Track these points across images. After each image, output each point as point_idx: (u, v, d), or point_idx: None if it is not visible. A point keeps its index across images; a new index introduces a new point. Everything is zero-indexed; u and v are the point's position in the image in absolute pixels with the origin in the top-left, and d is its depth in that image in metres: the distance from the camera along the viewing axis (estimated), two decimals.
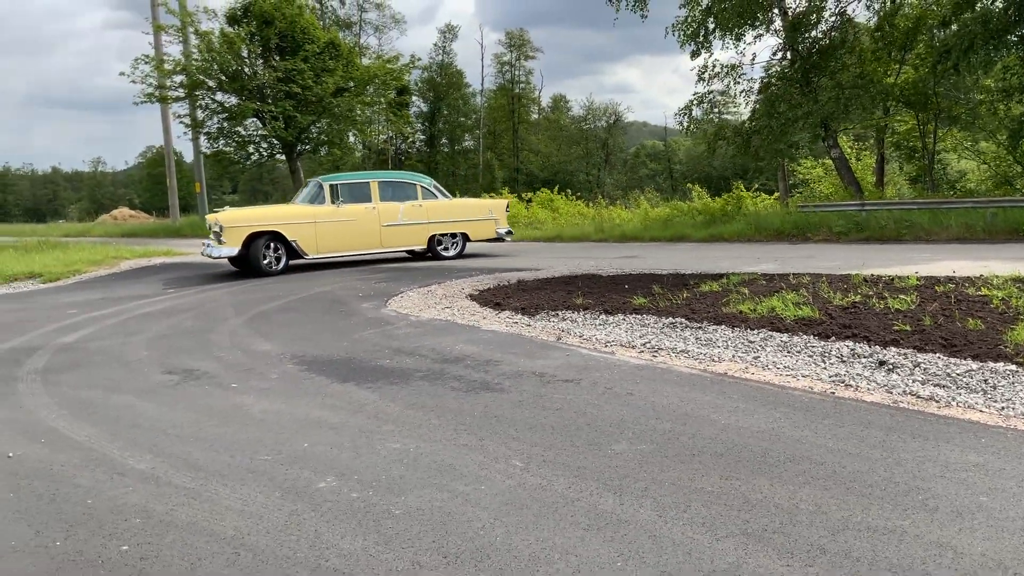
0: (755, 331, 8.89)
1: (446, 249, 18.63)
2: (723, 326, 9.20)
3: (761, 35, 24.87)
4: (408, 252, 18.83)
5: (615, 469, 4.96)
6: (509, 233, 19.40)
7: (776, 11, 23.78)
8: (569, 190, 35.17)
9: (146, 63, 33.22)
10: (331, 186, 17.39)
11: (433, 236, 18.41)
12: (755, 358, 7.82)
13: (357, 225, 17.44)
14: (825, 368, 7.30)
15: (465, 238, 18.77)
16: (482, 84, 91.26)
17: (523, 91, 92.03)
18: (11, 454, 5.78)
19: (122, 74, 35.10)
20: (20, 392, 7.69)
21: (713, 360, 7.81)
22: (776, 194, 32.44)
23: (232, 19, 35.33)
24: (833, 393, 6.57)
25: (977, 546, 3.78)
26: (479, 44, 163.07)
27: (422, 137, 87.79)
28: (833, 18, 23.98)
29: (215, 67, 33.52)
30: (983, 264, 12.46)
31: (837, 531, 3.99)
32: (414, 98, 78.62)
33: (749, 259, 15.65)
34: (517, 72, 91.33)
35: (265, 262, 16.94)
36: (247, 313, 12.11)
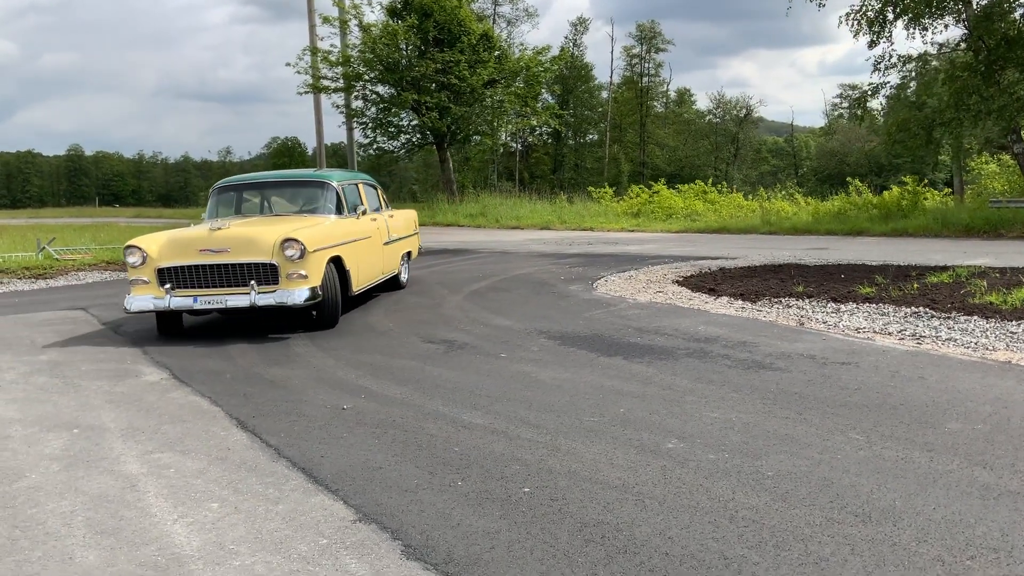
0: (1013, 322, 8.62)
1: (401, 273, 13.13)
2: (975, 316, 8.96)
3: (948, 24, 23.90)
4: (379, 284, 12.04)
5: (966, 446, 4.94)
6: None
7: (963, 1, 22.80)
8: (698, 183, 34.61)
9: (312, 54, 34.48)
10: (342, 188, 10.98)
11: (403, 256, 13.15)
12: None
13: (373, 245, 11.39)
14: None
15: (409, 256, 13.65)
16: (611, 77, 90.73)
17: (651, 84, 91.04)
18: (345, 406, 6.18)
19: (288, 64, 36.17)
20: (301, 355, 8.19)
21: (987, 349, 7.63)
22: (947, 190, 31.19)
23: (392, 11, 36.33)
24: None
25: None
26: (610, 36, 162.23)
27: (549, 130, 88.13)
28: (1022, 9, 22.83)
29: (375, 59, 34.53)
30: None
31: None
32: (543, 91, 78.92)
33: (955, 253, 15.16)
34: (646, 65, 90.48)
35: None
36: (460, 292, 12.48)
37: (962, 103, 22.49)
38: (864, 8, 24.20)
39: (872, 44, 24.04)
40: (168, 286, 8.86)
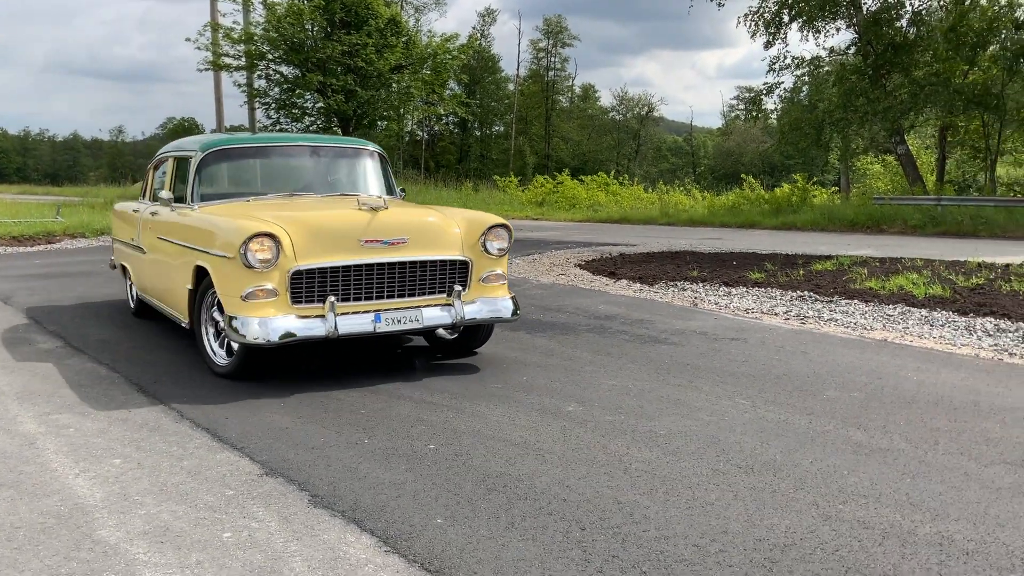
0: (890, 306, 9.20)
1: None
2: (856, 300, 9.52)
3: (840, 28, 25.03)
4: None
5: (843, 411, 5.31)
6: None
7: (853, 6, 23.94)
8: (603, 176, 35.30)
9: (213, 30, 33.60)
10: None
11: None
12: (905, 329, 8.13)
13: None
14: (980, 340, 7.60)
15: None
16: (517, 69, 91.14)
17: (556, 78, 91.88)
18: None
19: (188, 40, 35.08)
20: None
21: (865, 328, 8.13)
22: (834, 188, 32.67)
23: None
24: (1001, 360, 6.88)
25: None
26: (517, 29, 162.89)
27: (455, 119, 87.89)
28: (908, 15, 24.15)
29: (280, 38, 33.87)
30: None
31: None
32: (450, 79, 78.61)
33: (840, 245, 15.96)
34: (552, 59, 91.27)
35: None
36: None
37: (850, 104, 23.64)
38: (761, 10, 25.14)
39: (768, 45, 25.02)
40: (333, 299, 5.66)
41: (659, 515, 3.64)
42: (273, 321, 5.51)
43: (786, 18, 24.59)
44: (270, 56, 35.67)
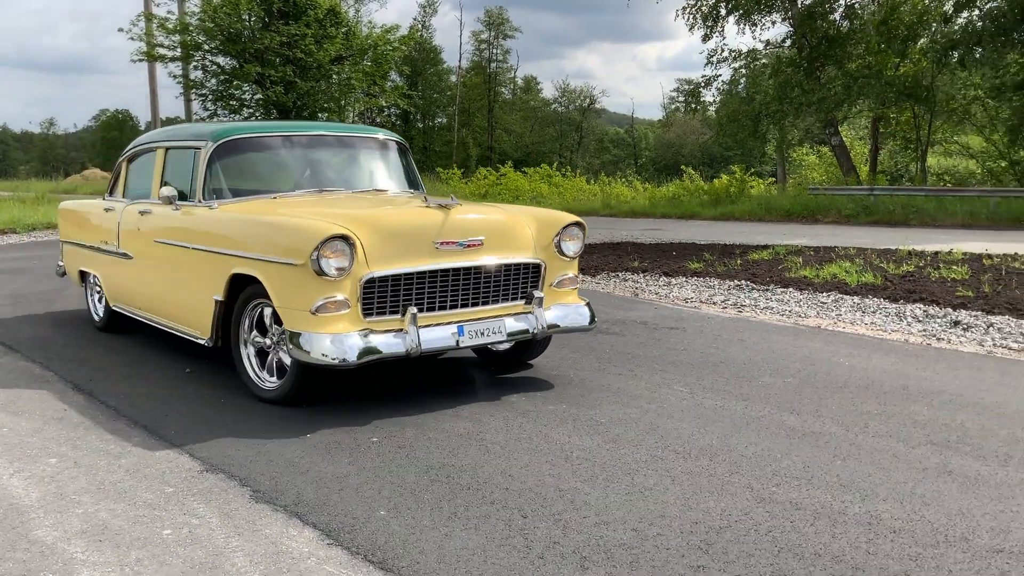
0: (824, 294, 9.43)
1: None
2: (791, 289, 9.74)
3: (775, 21, 25.50)
4: None
5: (777, 396, 5.45)
6: None
7: (789, 0, 24.43)
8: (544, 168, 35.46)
9: (147, 20, 32.87)
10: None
11: None
12: (837, 315, 8.36)
13: None
14: (909, 325, 7.85)
15: None
16: (459, 61, 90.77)
17: (499, 70, 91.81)
18: (188, 369, 6.11)
19: (120, 30, 34.27)
20: None
21: (799, 316, 8.33)
22: (771, 179, 33.29)
23: None
24: (930, 344, 7.12)
25: None
26: (458, 20, 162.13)
27: (398, 111, 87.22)
28: (842, 9, 24.72)
29: (216, 28, 33.29)
30: (1008, 245, 13.14)
31: (1011, 443, 4.52)
32: (391, 71, 77.94)
33: (776, 234, 16.27)
34: (494, 51, 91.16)
35: None
36: None
37: (786, 96, 24.12)
38: (699, 3, 25.47)
39: (706, 38, 25.38)
40: (415, 310, 4.97)
41: (599, 501, 3.71)
42: (348, 338, 4.76)
43: (723, 11, 24.99)
44: (206, 47, 35.07)
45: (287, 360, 5.08)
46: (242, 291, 5.33)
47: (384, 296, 4.95)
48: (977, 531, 3.43)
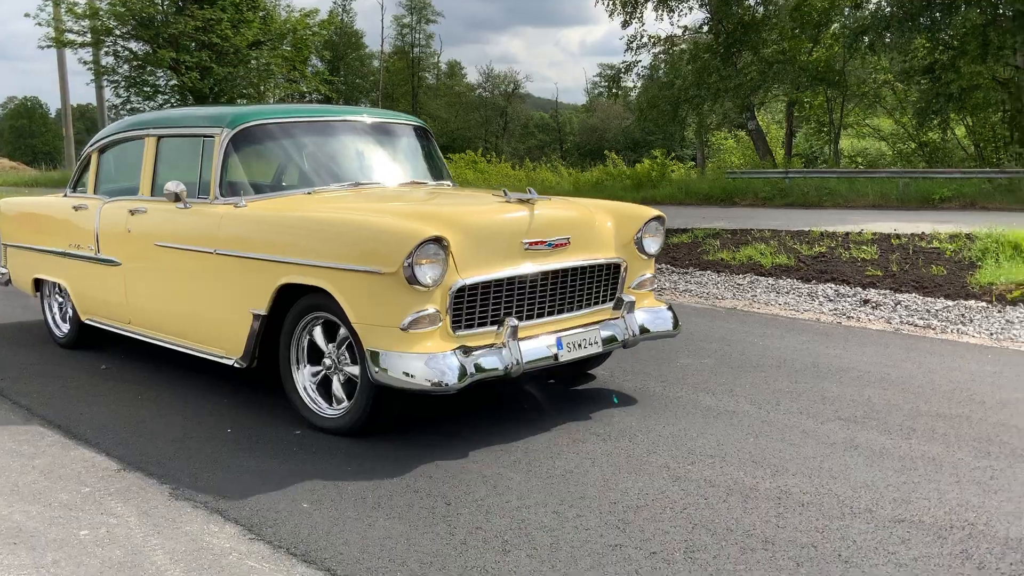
0: (740, 276, 9.70)
1: None
2: (709, 271, 9.99)
3: (692, 8, 25.87)
4: None
5: (694, 377, 5.60)
6: None
7: None
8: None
9: (55, 5, 31.70)
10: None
11: None
12: (753, 297, 8.61)
13: None
14: (821, 305, 8.14)
15: None
16: (381, 46, 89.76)
17: (422, 55, 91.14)
18: (104, 366, 5.98)
19: (27, 15, 33.00)
20: None
21: (716, 298, 8.56)
22: (691, 163, 33.87)
23: None
24: (840, 323, 7.40)
25: None
26: (380, 5, 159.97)
27: (320, 97, 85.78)
28: None
29: (127, 12, 32.28)
30: (916, 225, 13.65)
31: (915, 416, 4.74)
32: (312, 56, 76.69)
33: (695, 218, 16.57)
34: (417, 36, 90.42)
35: None
36: None
37: (703, 82, 24.54)
38: None
39: (625, 24, 25.62)
40: (514, 321, 4.30)
41: (521, 485, 3.78)
42: (446, 358, 4.08)
43: None
44: (118, 32, 34.01)
45: (339, 382, 4.52)
46: (291, 304, 4.60)
47: (473, 306, 4.31)
48: (881, 502, 3.60)
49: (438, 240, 4.07)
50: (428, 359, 4.06)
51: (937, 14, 21.93)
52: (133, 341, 5.86)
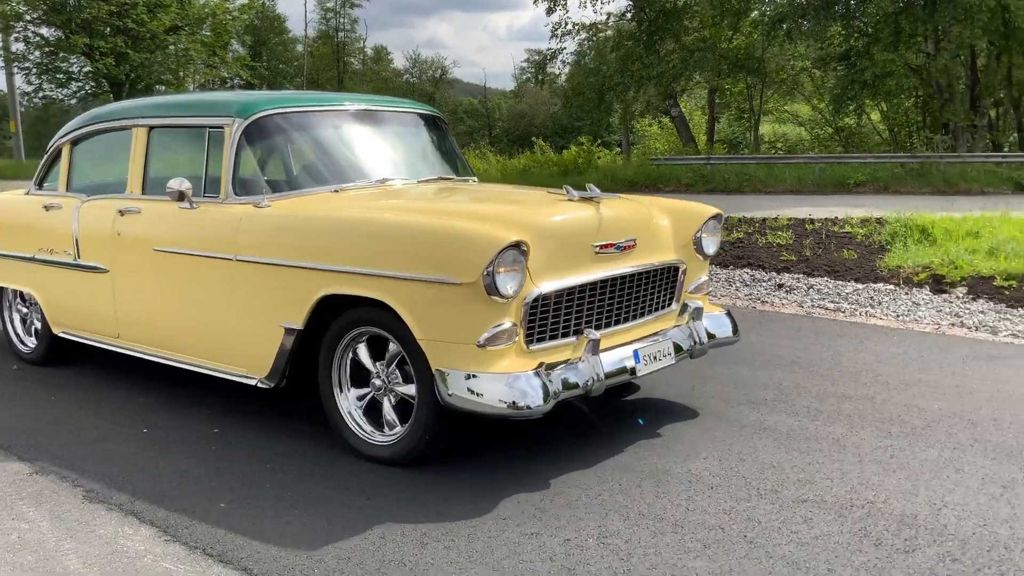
0: None
1: None
2: None
3: None
4: None
5: None
6: None
7: None
8: None
9: None
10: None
11: None
12: None
13: None
14: (737, 290, 8.36)
15: None
16: (305, 30, 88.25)
17: (347, 40, 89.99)
18: (16, 366, 5.84)
19: None
20: None
21: None
22: (617, 149, 34.26)
23: None
24: (755, 307, 7.62)
25: (933, 404, 4.81)
26: None
27: (241, 82, 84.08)
28: None
29: None
30: (830, 209, 14.08)
31: (822, 398, 4.93)
32: (232, 41, 75.14)
33: None
34: (341, 20, 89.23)
35: None
36: None
37: (627, 69, 24.87)
38: None
39: (550, 11, 25.78)
40: (595, 334, 3.95)
41: (442, 479, 3.83)
42: (530, 379, 3.66)
43: None
44: (28, 17, 32.91)
45: (391, 404, 4.07)
46: (330, 317, 4.10)
47: (546, 318, 3.92)
48: (785, 483, 3.75)
49: (518, 246, 3.66)
50: (509, 380, 3.65)
51: (852, 2, 22.56)
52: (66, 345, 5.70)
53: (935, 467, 3.91)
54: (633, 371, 4.10)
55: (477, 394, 3.64)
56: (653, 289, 4.51)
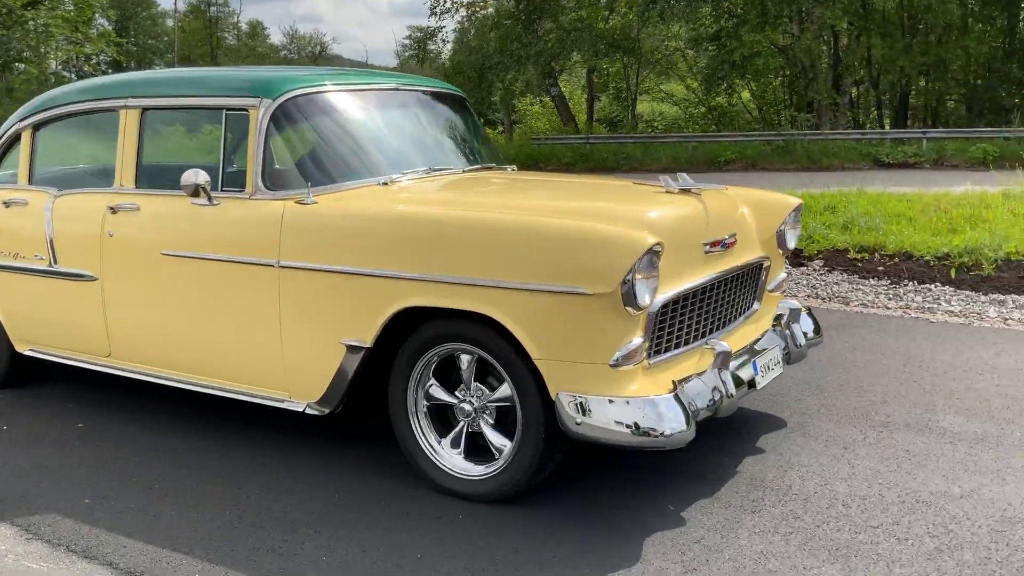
0: None
1: None
2: None
3: None
4: None
5: None
6: None
7: None
8: None
9: None
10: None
11: None
12: None
13: None
14: None
15: None
16: (175, 4, 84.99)
17: (220, 15, 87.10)
18: None
19: None
20: None
21: None
22: (500, 128, 34.42)
23: None
24: None
25: (786, 372, 5.11)
26: None
27: (107, 59, 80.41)
28: None
29: None
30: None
31: None
32: (96, 16, 71.66)
33: None
34: None
35: None
36: None
37: (506, 48, 25.02)
38: None
39: None
40: (724, 345, 3.55)
41: (311, 464, 3.87)
42: (668, 403, 3.21)
43: None
44: None
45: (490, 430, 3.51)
46: (402, 333, 3.54)
47: (663, 328, 3.45)
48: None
49: (654, 249, 3.17)
50: (648, 404, 3.17)
51: None
52: None
53: (785, 432, 4.18)
54: (752, 383, 3.67)
55: (612, 423, 3.15)
56: (743, 289, 4.09)
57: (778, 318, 4.20)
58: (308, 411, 3.73)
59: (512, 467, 3.38)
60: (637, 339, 3.21)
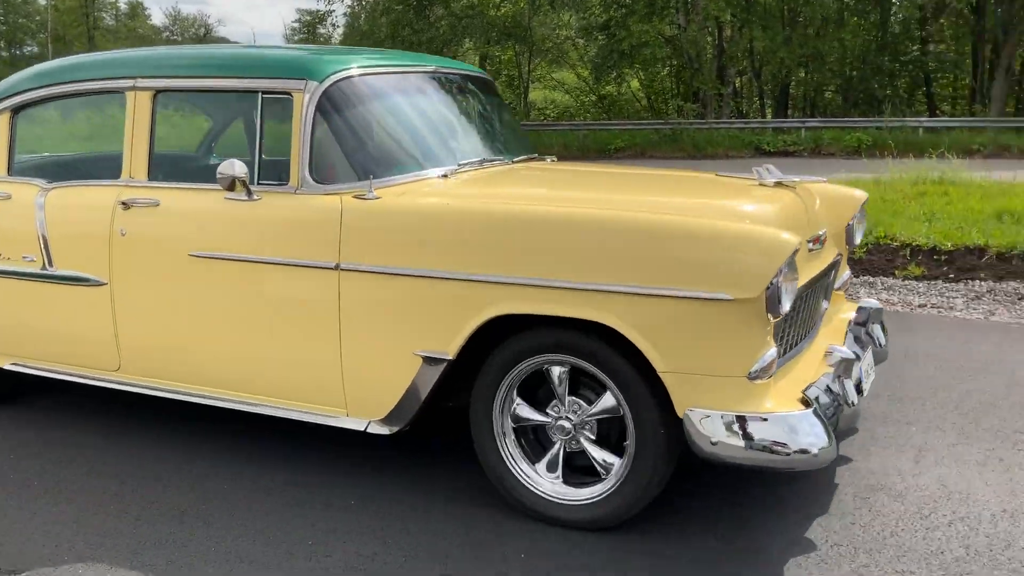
0: None
1: None
2: None
3: None
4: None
5: None
6: None
7: None
8: None
9: None
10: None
11: None
12: None
13: None
14: None
15: None
16: None
17: None
18: None
19: None
20: None
21: None
22: None
23: None
24: None
25: None
26: None
27: None
28: None
29: None
30: None
31: None
32: None
33: None
34: None
35: None
36: None
37: (398, 35, 24.89)
38: None
39: None
40: (849, 354, 3.33)
41: (202, 459, 3.81)
42: (808, 419, 2.90)
43: None
44: None
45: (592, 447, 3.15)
46: (487, 344, 3.17)
47: (777, 331, 3.13)
48: None
49: (795, 250, 2.89)
50: (789, 421, 2.87)
51: None
52: None
53: None
54: (860, 389, 3.36)
55: (755, 442, 2.84)
56: (823, 285, 3.78)
57: (861, 318, 3.84)
58: (370, 430, 3.35)
59: (625, 488, 3.05)
60: (773, 348, 2.91)
